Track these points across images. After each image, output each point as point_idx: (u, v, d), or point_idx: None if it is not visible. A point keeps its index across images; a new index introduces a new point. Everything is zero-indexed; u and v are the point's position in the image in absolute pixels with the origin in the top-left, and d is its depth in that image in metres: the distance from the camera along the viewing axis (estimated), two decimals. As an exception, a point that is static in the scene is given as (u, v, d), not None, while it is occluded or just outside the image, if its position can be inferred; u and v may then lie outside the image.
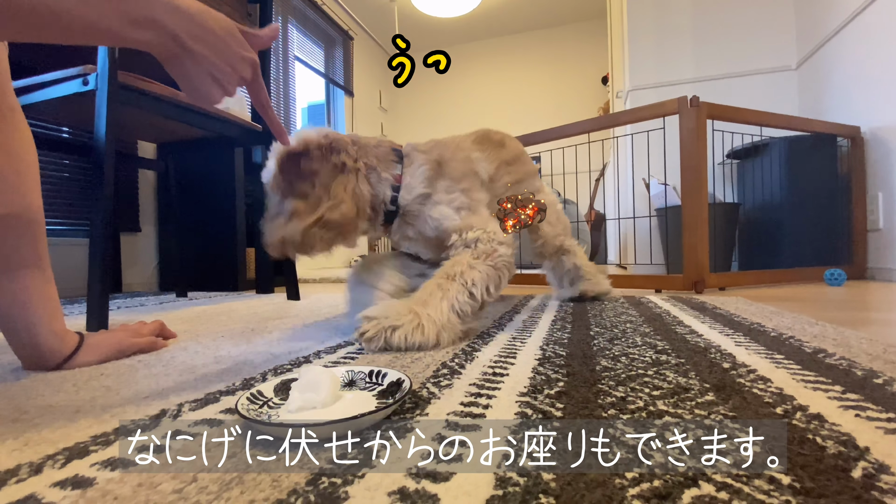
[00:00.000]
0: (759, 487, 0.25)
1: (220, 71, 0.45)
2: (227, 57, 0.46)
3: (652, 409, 0.38)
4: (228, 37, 0.46)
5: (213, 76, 0.45)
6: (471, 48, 5.11)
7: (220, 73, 0.46)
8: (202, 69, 0.44)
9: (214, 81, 0.46)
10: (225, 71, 0.46)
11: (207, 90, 0.46)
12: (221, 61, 0.45)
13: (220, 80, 0.46)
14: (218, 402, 0.44)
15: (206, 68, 0.45)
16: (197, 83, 0.45)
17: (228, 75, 0.46)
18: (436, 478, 0.28)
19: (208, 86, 0.46)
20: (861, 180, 1.89)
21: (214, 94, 0.47)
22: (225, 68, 0.46)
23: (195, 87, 0.46)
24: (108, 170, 0.94)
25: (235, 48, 0.46)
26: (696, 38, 2.54)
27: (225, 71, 0.46)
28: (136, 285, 2.12)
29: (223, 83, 0.47)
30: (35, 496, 0.27)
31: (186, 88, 0.46)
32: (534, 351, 0.62)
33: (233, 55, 0.46)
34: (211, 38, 0.44)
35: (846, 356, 0.54)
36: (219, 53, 0.45)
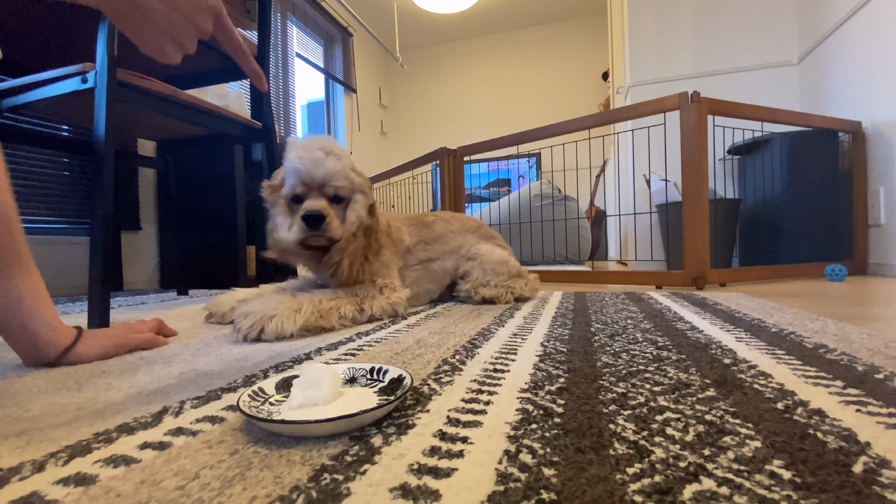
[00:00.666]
0: (761, 482, 0.26)
1: (175, 26, 0.41)
2: (183, 9, 0.41)
3: (653, 405, 0.38)
4: None
5: (168, 32, 0.41)
6: (470, 44, 5.09)
7: (176, 28, 0.41)
8: (155, 25, 0.40)
9: (170, 38, 0.41)
10: (181, 25, 0.41)
11: (163, 48, 0.42)
12: (177, 15, 0.40)
13: (177, 36, 0.41)
14: (220, 400, 0.44)
15: (160, 24, 0.40)
16: (150, 41, 0.41)
17: (186, 30, 0.42)
18: (437, 474, 0.28)
19: (164, 43, 0.41)
20: (862, 175, 1.89)
21: (171, 52, 0.42)
22: (181, 22, 0.41)
23: (149, 45, 0.41)
24: (107, 168, 0.94)
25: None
26: (696, 34, 2.53)
27: (181, 25, 0.41)
28: (137, 283, 2.12)
29: (180, 39, 0.42)
30: (38, 493, 0.27)
31: (141, 46, 0.41)
32: (535, 347, 0.62)
33: (189, 6, 0.41)
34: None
35: (847, 352, 0.54)
36: (173, 5, 0.40)
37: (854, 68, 1.96)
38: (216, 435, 0.35)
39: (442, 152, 2.11)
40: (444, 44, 5.17)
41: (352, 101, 4.56)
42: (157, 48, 0.41)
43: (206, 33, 0.44)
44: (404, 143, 5.27)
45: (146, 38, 0.41)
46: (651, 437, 0.32)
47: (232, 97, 2.08)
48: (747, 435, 0.32)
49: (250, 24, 1.37)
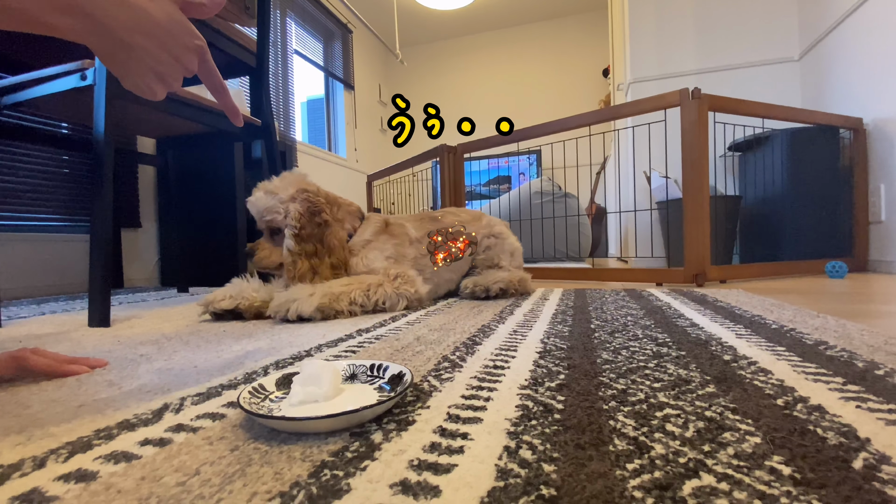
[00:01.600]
0: (760, 478, 0.26)
1: (162, 64, 0.41)
2: (171, 48, 0.41)
3: (653, 401, 0.38)
4: (173, 24, 0.41)
5: (154, 71, 0.41)
6: (470, 41, 5.07)
7: (163, 66, 0.41)
8: (142, 63, 0.40)
9: (156, 76, 0.41)
10: (168, 64, 0.41)
11: (148, 85, 0.41)
12: (164, 53, 0.40)
13: (163, 74, 0.41)
14: (220, 397, 0.44)
15: (148, 63, 0.40)
16: (137, 79, 0.41)
17: (172, 69, 0.42)
18: (437, 470, 0.28)
19: (149, 81, 0.41)
20: (863, 172, 1.88)
21: (157, 89, 0.42)
22: (168, 61, 0.41)
23: (135, 82, 0.41)
24: (107, 165, 0.94)
25: (180, 37, 0.41)
26: (697, 30, 2.52)
27: (168, 64, 0.41)
28: (137, 281, 2.12)
29: (166, 78, 0.42)
30: (39, 490, 0.27)
31: (126, 83, 0.41)
32: (535, 344, 0.62)
33: (177, 46, 0.41)
34: (153, 30, 0.39)
35: (847, 348, 0.54)
36: (161, 45, 0.40)
37: (855, 65, 1.95)
38: (216, 431, 0.35)
39: (442, 149, 2.10)
40: (444, 40, 5.16)
41: (351, 98, 4.55)
42: (142, 85, 0.41)
43: (191, 72, 0.44)
44: (404, 141, 5.26)
45: (132, 76, 0.41)
46: (651, 433, 0.32)
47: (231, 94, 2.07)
48: (747, 431, 0.32)
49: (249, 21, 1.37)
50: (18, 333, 0.86)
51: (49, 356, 0.55)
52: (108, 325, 0.91)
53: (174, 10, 0.41)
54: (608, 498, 0.24)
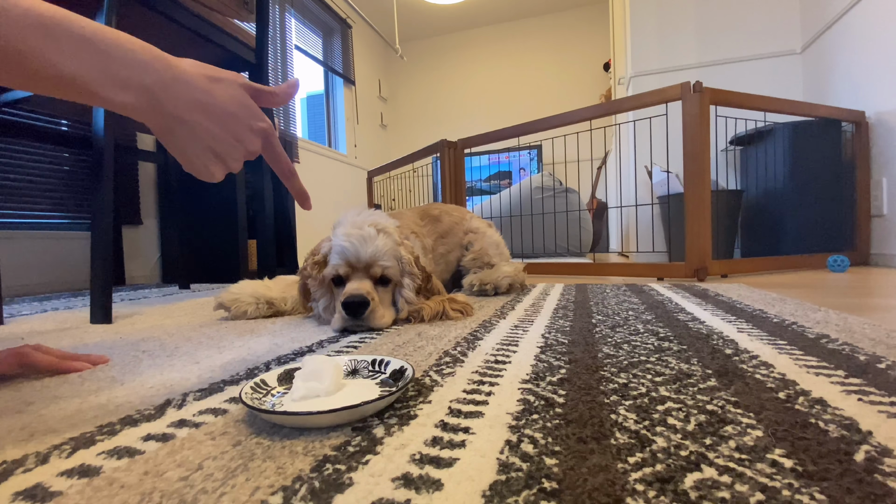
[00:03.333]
0: (762, 471, 0.26)
1: (221, 143, 0.40)
2: (233, 129, 0.40)
3: (654, 395, 0.38)
4: (236, 107, 0.40)
5: (213, 150, 0.39)
6: (470, 35, 5.05)
7: (222, 146, 0.40)
8: (200, 142, 0.39)
9: (214, 155, 0.40)
10: (229, 144, 0.40)
11: (206, 166, 0.40)
12: (224, 133, 0.39)
13: (222, 154, 0.40)
14: (222, 392, 0.44)
15: (206, 142, 0.39)
16: (195, 159, 0.39)
17: (233, 149, 0.40)
18: (439, 463, 0.28)
19: (208, 161, 0.40)
20: (865, 166, 1.87)
21: (215, 170, 0.41)
22: (228, 140, 0.40)
23: (192, 163, 0.40)
24: (107, 162, 0.94)
25: (245, 119, 0.41)
26: (699, 23, 2.51)
27: (229, 144, 0.40)
28: (138, 278, 2.13)
29: (225, 159, 0.40)
30: (42, 485, 0.27)
31: (184, 163, 0.40)
32: (536, 339, 0.62)
33: (239, 127, 0.40)
34: (215, 110, 0.39)
35: (849, 341, 0.54)
36: (222, 124, 0.39)
37: (857, 58, 1.94)
38: (219, 427, 0.35)
39: (442, 145, 2.10)
40: (445, 35, 5.13)
41: (351, 94, 4.54)
42: (200, 166, 0.40)
43: (253, 154, 0.43)
44: (404, 136, 5.25)
45: (190, 155, 0.39)
46: (652, 426, 0.32)
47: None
48: (749, 424, 0.32)
49: (248, 17, 1.36)
50: (21, 330, 0.86)
51: (51, 353, 0.55)
52: (109, 322, 0.91)
53: (241, 94, 0.41)
54: (610, 491, 0.24)
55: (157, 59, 0.36)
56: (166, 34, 1.27)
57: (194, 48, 1.35)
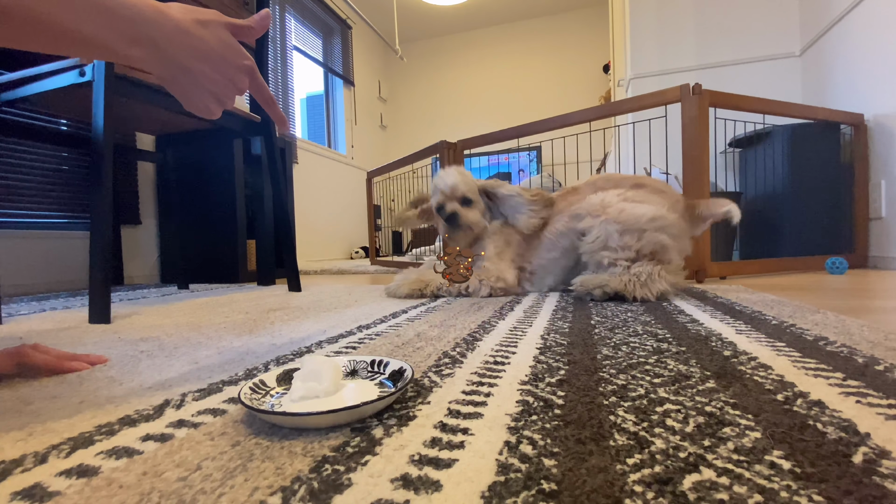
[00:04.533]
0: (760, 472, 0.26)
1: (217, 85, 0.45)
2: (225, 71, 0.45)
3: (653, 397, 0.38)
4: (225, 49, 0.45)
5: (211, 92, 0.45)
6: (470, 36, 5.06)
7: (219, 87, 0.45)
8: (201, 87, 0.44)
9: (213, 97, 0.45)
10: (223, 85, 0.45)
11: (206, 106, 0.46)
12: (220, 76, 0.45)
13: (219, 94, 0.46)
14: (221, 392, 0.44)
15: (205, 85, 0.44)
16: (197, 101, 0.45)
17: (227, 88, 0.46)
18: (438, 465, 0.28)
19: (208, 102, 0.46)
20: (864, 168, 1.88)
21: (214, 109, 0.47)
22: (222, 82, 0.45)
23: (196, 104, 0.45)
24: (106, 161, 0.94)
25: (233, 59, 0.45)
26: (698, 25, 2.51)
27: (223, 85, 0.45)
28: (137, 278, 2.12)
29: (221, 97, 0.46)
30: (41, 485, 0.27)
31: (188, 105, 0.46)
32: (535, 340, 0.62)
33: (230, 68, 0.45)
34: (210, 55, 0.43)
35: (847, 344, 0.54)
36: (216, 68, 0.44)
37: (856, 60, 1.94)
38: (218, 427, 0.35)
39: (442, 146, 2.10)
40: (444, 36, 5.14)
41: (351, 95, 4.54)
42: (202, 107, 0.46)
43: (243, 90, 0.48)
44: (404, 137, 5.25)
45: (194, 99, 0.45)
46: (651, 428, 0.32)
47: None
48: (747, 426, 0.32)
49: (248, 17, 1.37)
50: (19, 330, 0.86)
51: (50, 353, 0.55)
52: (108, 322, 0.91)
53: (227, 35, 0.45)
54: (609, 492, 0.24)
55: (158, 13, 0.40)
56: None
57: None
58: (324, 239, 3.99)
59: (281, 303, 1.16)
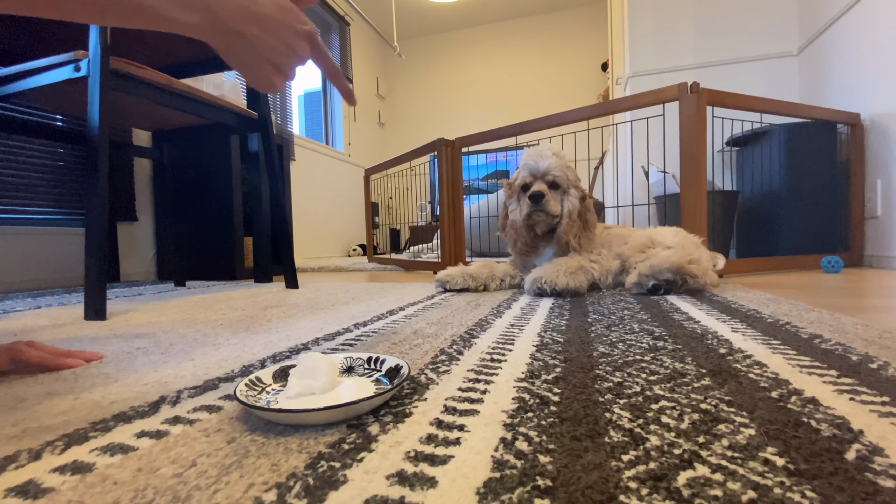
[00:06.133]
0: (754, 469, 0.26)
1: (276, 53, 0.43)
2: (282, 35, 0.43)
3: (648, 394, 0.38)
4: (281, 12, 0.43)
5: (271, 61, 0.43)
6: (469, 34, 5.04)
7: (277, 55, 0.43)
8: (260, 55, 0.42)
9: (273, 66, 0.44)
10: (281, 52, 0.43)
11: (268, 78, 0.44)
12: (277, 41, 0.43)
13: (279, 63, 0.44)
14: (217, 389, 0.44)
15: (264, 54, 0.42)
16: (257, 72, 0.43)
17: (286, 57, 0.44)
18: (434, 461, 0.28)
19: (269, 73, 0.44)
20: (860, 167, 1.89)
21: (276, 80, 0.45)
22: (281, 49, 0.43)
23: (256, 76, 0.44)
24: (102, 158, 0.93)
25: (290, 23, 0.43)
26: (696, 24, 2.51)
27: (281, 52, 0.43)
28: (134, 275, 2.11)
29: (283, 68, 0.44)
30: (35, 481, 0.27)
31: (249, 78, 0.44)
32: (532, 338, 0.62)
33: (287, 32, 0.43)
34: (264, 19, 0.41)
35: (842, 342, 0.55)
36: (272, 33, 0.42)
37: (853, 60, 1.95)
38: (213, 424, 0.35)
39: (440, 143, 2.09)
40: (443, 33, 5.13)
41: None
42: (263, 79, 0.44)
43: (304, 59, 0.46)
44: (402, 134, 5.24)
45: (254, 70, 0.43)
46: (646, 425, 0.32)
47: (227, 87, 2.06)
48: (741, 423, 0.32)
49: None
50: (14, 327, 0.86)
51: (44, 349, 0.54)
52: (104, 319, 0.91)
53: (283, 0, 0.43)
54: (603, 488, 0.24)
55: None
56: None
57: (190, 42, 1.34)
58: (321, 236, 3.98)
59: (278, 300, 1.16)
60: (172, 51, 1.39)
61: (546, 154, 1.14)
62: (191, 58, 1.46)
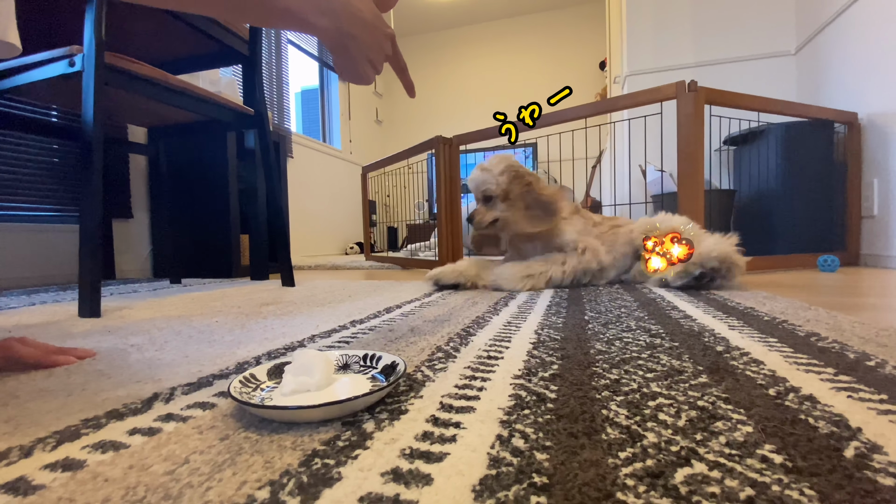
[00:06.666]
0: (752, 466, 0.26)
1: (371, 51, 0.50)
2: (377, 37, 0.51)
3: (645, 391, 0.38)
4: (376, 18, 0.50)
5: (367, 58, 0.50)
6: (466, 32, 5.03)
7: (372, 52, 0.51)
8: (361, 53, 0.50)
9: (369, 63, 0.51)
10: (375, 50, 0.51)
11: (364, 71, 0.51)
12: (374, 41, 0.50)
13: (373, 60, 0.51)
14: (211, 386, 0.43)
15: (363, 51, 0.50)
16: (359, 67, 0.50)
17: (378, 54, 0.52)
18: (429, 458, 0.27)
19: (364, 67, 0.51)
20: (857, 167, 1.89)
21: (370, 74, 0.52)
22: (375, 48, 0.51)
23: (356, 70, 0.51)
24: (96, 154, 0.93)
25: (382, 27, 0.51)
26: (694, 23, 2.51)
27: (375, 50, 0.51)
28: (129, 272, 2.10)
29: (375, 63, 0.52)
30: (25, 478, 0.27)
31: (347, 73, 0.51)
32: (529, 335, 0.62)
33: (380, 35, 0.51)
34: (367, 24, 0.49)
35: (839, 339, 0.55)
36: (372, 35, 0.50)
37: (851, 59, 1.95)
38: (207, 421, 0.35)
39: (438, 141, 2.09)
40: (441, 31, 5.11)
41: (346, 89, 4.51)
42: (362, 73, 0.51)
43: (388, 56, 0.54)
44: (400, 132, 5.23)
45: (356, 65, 0.50)
46: (643, 422, 0.32)
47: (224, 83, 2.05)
48: (739, 420, 0.32)
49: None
50: (7, 323, 0.85)
51: (37, 346, 0.54)
52: (98, 316, 0.90)
53: (373, 6, 0.51)
54: (600, 486, 0.24)
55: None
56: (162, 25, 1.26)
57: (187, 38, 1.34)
58: (318, 234, 3.97)
59: (274, 297, 1.16)
60: (168, 46, 1.38)
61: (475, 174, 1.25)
62: (187, 53, 1.45)
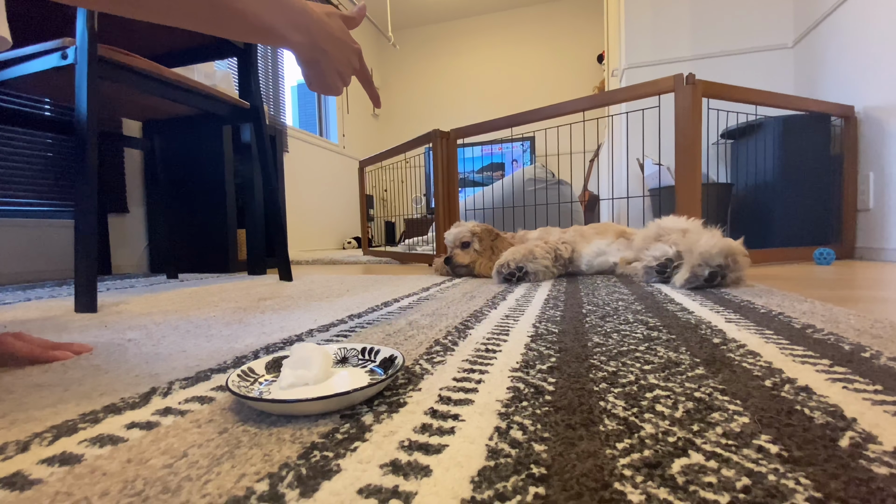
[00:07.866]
0: (748, 456, 0.26)
1: (341, 65, 0.55)
2: (345, 52, 0.55)
3: (643, 383, 0.38)
4: (344, 35, 0.54)
5: (337, 71, 0.55)
6: (464, 24, 5.00)
7: (342, 67, 0.55)
8: (331, 67, 0.54)
9: (338, 75, 0.55)
10: (345, 65, 0.55)
11: (334, 82, 0.55)
12: (342, 56, 0.54)
13: (342, 72, 0.55)
14: (209, 380, 0.43)
15: (334, 65, 0.54)
16: (328, 79, 0.55)
17: (346, 67, 0.56)
18: (428, 450, 0.28)
19: (334, 79, 0.55)
20: (853, 160, 1.90)
21: (340, 85, 0.56)
22: (345, 62, 0.55)
23: (325, 82, 0.55)
24: (90, 148, 0.92)
25: (350, 43, 0.55)
26: (692, 16, 2.50)
27: (345, 65, 0.55)
28: (125, 267, 2.09)
29: (343, 75, 0.56)
30: (22, 473, 0.26)
31: (318, 84, 0.55)
32: (526, 328, 0.62)
33: (348, 50, 0.55)
34: (335, 41, 0.53)
35: (834, 331, 0.55)
36: (341, 50, 0.54)
37: (848, 52, 1.95)
38: (205, 414, 0.35)
39: (435, 135, 2.08)
40: (438, 24, 5.08)
41: (343, 83, 4.46)
42: (332, 85, 0.55)
43: (356, 69, 0.58)
44: (397, 126, 5.21)
45: (326, 77, 0.54)
46: (641, 413, 0.32)
47: (219, 77, 2.03)
48: (735, 411, 0.32)
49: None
50: (3, 319, 0.85)
51: (33, 341, 0.54)
52: (94, 311, 0.90)
53: (342, 24, 0.55)
54: (598, 476, 0.24)
55: (306, 7, 0.50)
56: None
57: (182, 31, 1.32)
58: (315, 229, 3.96)
59: (271, 292, 1.15)
60: (163, 39, 1.36)
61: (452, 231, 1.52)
62: (182, 46, 1.43)
